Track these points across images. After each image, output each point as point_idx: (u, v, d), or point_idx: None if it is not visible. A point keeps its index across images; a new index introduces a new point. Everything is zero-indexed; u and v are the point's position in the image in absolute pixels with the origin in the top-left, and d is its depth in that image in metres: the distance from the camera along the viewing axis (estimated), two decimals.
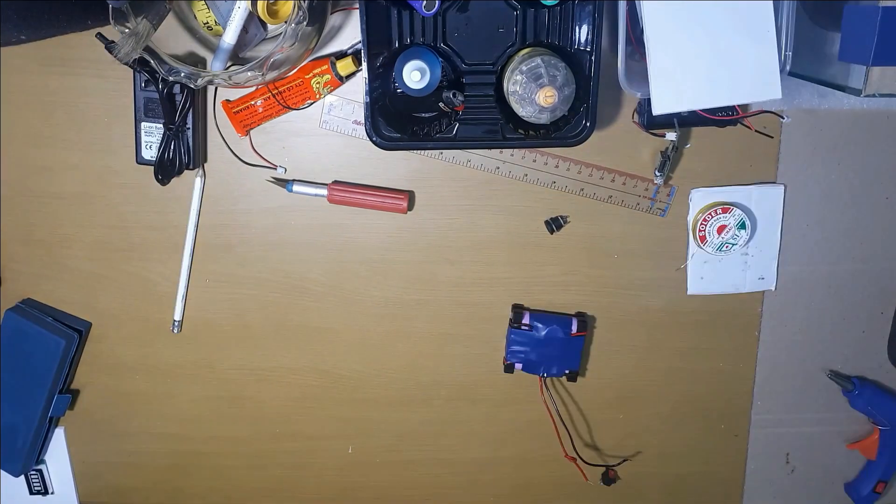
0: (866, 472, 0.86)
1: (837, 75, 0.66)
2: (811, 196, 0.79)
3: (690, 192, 0.78)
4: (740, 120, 0.74)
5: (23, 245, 0.79)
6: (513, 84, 0.64)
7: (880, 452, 0.85)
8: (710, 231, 0.76)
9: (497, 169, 0.77)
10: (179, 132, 0.72)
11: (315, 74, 0.71)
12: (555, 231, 0.78)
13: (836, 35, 0.64)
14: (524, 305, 0.80)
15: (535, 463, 0.87)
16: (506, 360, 0.80)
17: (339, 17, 0.72)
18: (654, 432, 0.80)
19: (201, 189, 0.77)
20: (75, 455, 0.87)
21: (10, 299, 0.81)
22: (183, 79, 0.63)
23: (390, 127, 0.67)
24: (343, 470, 0.87)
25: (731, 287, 0.81)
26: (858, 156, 0.78)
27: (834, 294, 0.83)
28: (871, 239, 0.81)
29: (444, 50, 0.67)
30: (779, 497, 0.90)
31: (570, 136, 0.68)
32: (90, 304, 0.81)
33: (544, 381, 0.81)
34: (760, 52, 0.62)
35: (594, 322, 0.82)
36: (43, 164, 0.77)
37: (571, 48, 0.67)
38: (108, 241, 0.79)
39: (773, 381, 0.85)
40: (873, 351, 0.85)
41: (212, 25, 0.67)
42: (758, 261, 0.80)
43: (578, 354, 0.80)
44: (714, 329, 0.82)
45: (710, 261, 0.79)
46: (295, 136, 0.76)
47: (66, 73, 0.74)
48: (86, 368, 0.83)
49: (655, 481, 0.87)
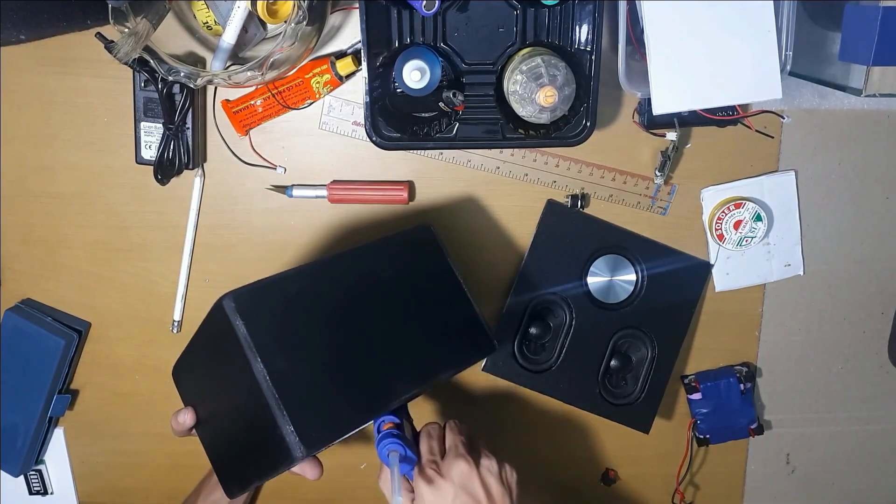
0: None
1: (838, 75, 0.66)
2: (811, 196, 0.79)
3: (701, 191, 0.78)
4: (741, 120, 0.74)
5: (23, 245, 0.79)
6: (513, 84, 0.64)
7: None
8: (727, 228, 0.76)
9: (497, 169, 0.77)
10: (179, 132, 0.72)
11: (315, 74, 0.71)
12: None
13: (837, 35, 0.64)
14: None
15: (536, 463, 0.86)
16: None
17: (338, 17, 0.72)
18: (653, 432, 0.80)
19: (201, 189, 0.77)
20: (75, 455, 0.86)
21: (10, 299, 0.81)
22: (182, 78, 0.63)
23: (390, 127, 0.67)
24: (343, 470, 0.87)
25: (759, 278, 0.81)
26: (859, 156, 0.78)
27: (834, 294, 0.83)
28: (871, 239, 0.81)
29: (444, 50, 0.67)
30: (779, 497, 0.90)
31: (570, 136, 0.68)
32: (90, 304, 0.81)
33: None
34: (761, 51, 0.62)
35: None
36: (43, 164, 0.77)
37: (571, 48, 0.67)
38: (108, 241, 0.79)
39: (773, 381, 0.85)
40: (873, 351, 0.85)
41: (211, 25, 0.67)
42: (781, 249, 0.80)
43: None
44: (714, 329, 0.82)
45: (733, 256, 0.79)
46: (295, 136, 0.76)
47: (66, 72, 0.74)
48: (85, 368, 0.83)
49: (655, 481, 0.87)
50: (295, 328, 0.56)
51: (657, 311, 0.79)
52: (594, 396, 0.79)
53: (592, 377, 0.79)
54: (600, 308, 0.78)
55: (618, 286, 0.78)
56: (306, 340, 0.56)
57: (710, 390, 0.82)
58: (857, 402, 0.87)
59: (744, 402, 0.82)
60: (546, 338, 0.79)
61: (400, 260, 0.65)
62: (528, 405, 0.83)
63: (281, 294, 0.57)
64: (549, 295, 0.77)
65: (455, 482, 0.59)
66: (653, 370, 0.79)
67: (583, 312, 0.78)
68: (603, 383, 0.79)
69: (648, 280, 0.78)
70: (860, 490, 0.90)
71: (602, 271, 0.78)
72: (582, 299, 0.78)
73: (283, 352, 0.54)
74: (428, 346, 0.61)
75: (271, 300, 0.56)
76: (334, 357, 0.57)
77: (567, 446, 0.85)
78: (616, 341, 0.79)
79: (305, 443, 0.52)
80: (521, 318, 0.77)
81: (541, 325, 0.78)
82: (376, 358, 0.58)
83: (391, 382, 0.58)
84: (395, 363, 0.59)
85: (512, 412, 0.84)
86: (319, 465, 0.65)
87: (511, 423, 0.84)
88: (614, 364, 0.79)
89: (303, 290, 0.58)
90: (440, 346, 0.62)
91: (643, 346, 0.79)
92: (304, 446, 0.52)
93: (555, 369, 0.78)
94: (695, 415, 0.83)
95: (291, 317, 0.56)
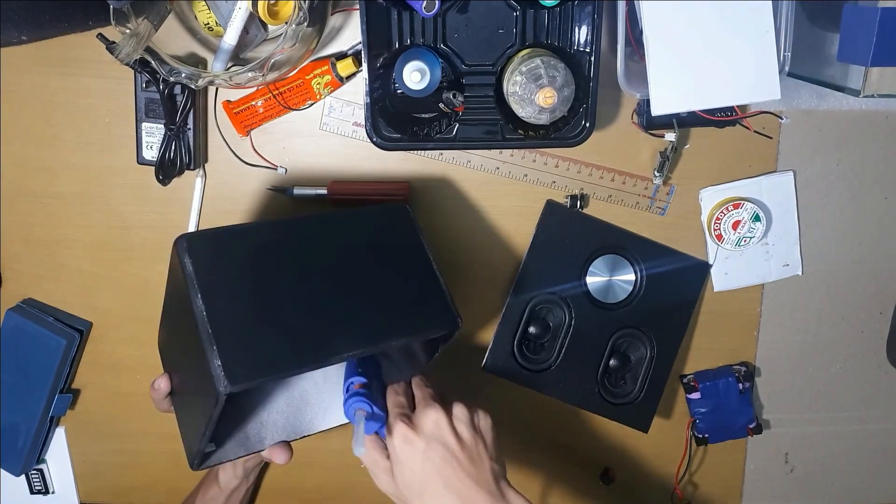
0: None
1: (836, 76, 0.66)
2: (810, 196, 0.79)
3: (700, 192, 0.78)
4: (739, 120, 0.74)
5: (23, 245, 0.79)
6: (512, 85, 0.64)
7: None
8: (726, 228, 0.77)
9: (497, 169, 0.77)
10: (180, 132, 0.73)
11: (315, 75, 0.71)
12: None
13: (835, 35, 0.64)
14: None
15: (535, 462, 0.87)
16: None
17: (339, 18, 0.72)
18: (652, 431, 0.80)
19: (202, 189, 0.77)
20: (76, 455, 0.87)
21: (11, 299, 0.81)
22: (184, 79, 0.63)
23: (390, 127, 0.68)
24: (343, 470, 0.87)
25: (757, 278, 0.81)
26: (857, 156, 0.78)
27: (832, 294, 0.83)
28: (869, 239, 0.81)
29: (443, 51, 0.67)
30: (777, 496, 0.90)
31: (569, 137, 0.68)
32: (90, 304, 0.81)
33: None
34: (759, 52, 0.63)
35: None
36: (43, 164, 0.77)
37: (571, 49, 0.67)
38: (109, 241, 0.79)
39: (772, 381, 0.85)
40: (873, 351, 0.85)
41: (212, 26, 0.68)
42: (779, 249, 0.80)
43: None
44: (713, 329, 0.82)
45: (732, 256, 0.80)
46: (295, 137, 0.76)
47: (67, 73, 0.74)
48: (86, 368, 0.83)
49: (654, 480, 0.87)
50: (244, 275, 0.58)
51: (656, 310, 0.79)
52: (593, 396, 0.79)
53: (591, 377, 0.79)
54: (599, 308, 0.78)
55: (617, 286, 0.79)
56: (252, 287, 0.58)
57: (709, 390, 0.82)
58: (855, 402, 0.87)
59: (742, 402, 0.82)
60: (545, 337, 0.79)
61: (368, 230, 0.66)
62: (527, 405, 0.84)
63: (238, 242, 0.60)
64: (548, 295, 0.78)
65: (426, 432, 0.59)
66: (652, 370, 0.79)
67: (582, 312, 0.78)
68: (602, 383, 0.79)
69: (647, 280, 0.78)
70: (859, 489, 0.91)
71: (601, 271, 0.78)
72: (581, 299, 0.78)
73: (225, 293, 0.56)
74: (383, 312, 0.61)
75: (226, 247, 0.59)
76: (279, 306, 0.58)
77: (566, 445, 0.85)
78: (615, 341, 0.79)
79: (230, 377, 0.52)
80: (520, 318, 0.78)
81: (540, 324, 0.79)
82: (324, 313, 0.59)
83: (334, 338, 0.58)
84: (342, 321, 0.59)
85: (511, 412, 0.84)
86: (289, 449, 0.65)
87: (511, 423, 0.85)
88: (613, 363, 0.79)
89: (263, 243, 0.61)
90: (397, 314, 0.62)
91: (642, 345, 0.79)
92: (228, 380, 0.52)
93: (554, 369, 0.78)
94: (694, 414, 0.83)
95: (243, 264, 0.59)
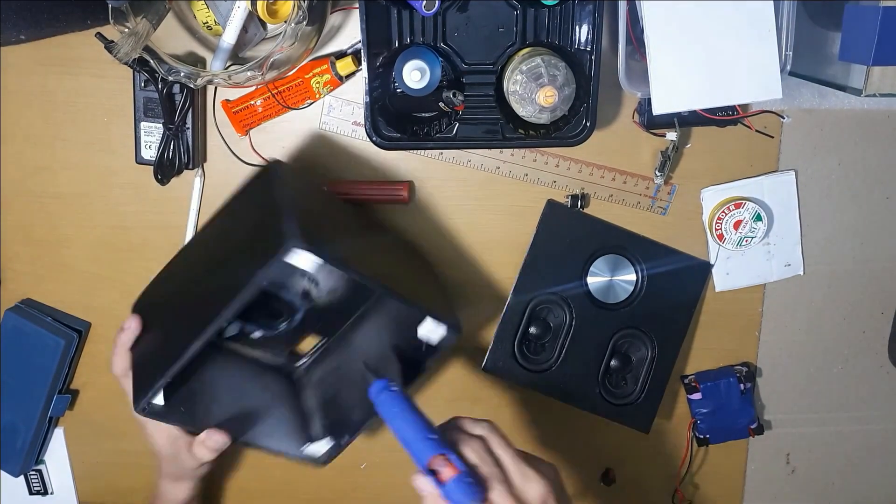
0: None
1: (838, 75, 0.66)
2: (812, 196, 0.79)
3: (701, 191, 0.78)
4: (740, 120, 0.74)
5: (23, 245, 0.79)
6: (513, 84, 0.64)
7: None
8: (727, 228, 0.76)
9: (497, 169, 0.77)
10: (179, 132, 0.72)
11: (315, 74, 0.71)
12: None
13: (837, 35, 0.64)
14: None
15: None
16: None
17: (338, 17, 0.72)
18: (653, 432, 0.80)
19: (201, 189, 0.77)
20: (75, 455, 0.86)
21: (10, 299, 0.81)
22: (182, 78, 0.63)
23: (390, 127, 0.67)
24: (343, 470, 0.87)
25: (759, 278, 0.81)
26: (859, 156, 0.78)
27: (834, 294, 0.83)
28: (871, 239, 0.81)
29: (443, 50, 0.67)
30: (779, 497, 0.90)
31: (570, 136, 0.68)
32: (90, 304, 0.81)
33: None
34: (761, 51, 0.62)
35: None
36: (43, 164, 0.77)
37: (571, 48, 0.67)
38: (108, 241, 0.79)
39: (773, 381, 0.85)
40: (873, 351, 0.85)
41: (211, 25, 0.67)
42: (781, 249, 0.80)
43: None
44: (714, 329, 0.82)
45: (733, 256, 0.79)
46: (295, 136, 0.76)
47: (66, 72, 0.74)
48: (85, 368, 0.83)
49: (655, 481, 0.87)
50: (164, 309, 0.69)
51: (657, 311, 0.79)
52: (594, 396, 0.79)
53: (592, 377, 0.79)
54: (600, 308, 0.78)
55: (618, 286, 0.79)
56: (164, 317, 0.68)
57: (710, 390, 0.82)
58: (856, 402, 0.87)
59: (744, 402, 0.82)
60: (546, 338, 0.79)
61: (243, 201, 0.69)
62: (527, 405, 0.83)
63: (161, 282, 0.72)
64: (548, 295, 0.77)
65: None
66: (653, 370, 0.79)
67: (583, 312, 0.78)
68: (603, 383, 0.79)
69: (648, 280, 0.78)
70: (860, 490, 0.90)
71: (602, 271, 0.78)
72: (582, 299, 0.78)
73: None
74: (234, 266, 0.63)
75: (158, 288, 0.72)
76: (174, 307, 0.67)
77: (567, 446, 0.85)
78: (616, 341, 0.79)
79: (304, 238, 0.56)
80: (520, 318, 0.78)
81: (541, 325, 0.78)
82: (203, 291, 0.65)
83: (209, 307, 0.59)
84: (213, 291, 0.62)
85: (512, 412, 0.84)
86: (227, 436, 0.67)
87: (511, 423, 0.84)
88: (614, 364, 0.79)
89: (171, 272, 0.71)
90: (241, 264, 0.62)
91: (643, 345, 0.79)
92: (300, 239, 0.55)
93: (555, 369, 0.78)
94: (695, 415, 0.83)
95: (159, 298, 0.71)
